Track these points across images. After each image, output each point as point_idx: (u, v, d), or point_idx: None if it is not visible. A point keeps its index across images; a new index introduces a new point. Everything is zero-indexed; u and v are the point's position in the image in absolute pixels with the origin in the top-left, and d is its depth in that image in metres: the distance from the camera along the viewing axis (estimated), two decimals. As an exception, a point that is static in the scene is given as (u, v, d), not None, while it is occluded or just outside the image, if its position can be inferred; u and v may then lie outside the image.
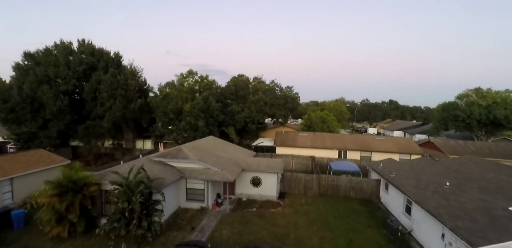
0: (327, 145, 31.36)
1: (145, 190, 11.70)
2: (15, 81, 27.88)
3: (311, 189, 19.47)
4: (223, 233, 12.95)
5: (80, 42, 30.59)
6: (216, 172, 15.49)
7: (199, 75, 30.02)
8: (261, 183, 17.71)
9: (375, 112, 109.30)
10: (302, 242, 12.51)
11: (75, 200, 11.84)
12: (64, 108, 26.76)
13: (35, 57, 28.85)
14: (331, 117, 41.51)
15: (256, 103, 33.88)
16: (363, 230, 13.95)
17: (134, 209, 11.11)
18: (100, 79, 27.72)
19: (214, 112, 28.75)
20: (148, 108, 30.34)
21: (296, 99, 38.20)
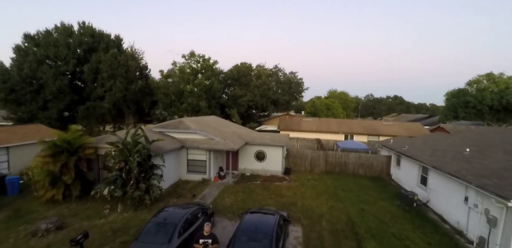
0: (333, 129, 30.48)
1: (143, 150, 10.96)
2: (15, 63, 27.34)
3: (317, 166, 18.64)
4: (225, 200, 12.21)
5: (80, 25, 29.94)
6: (218, 142, 14.72)
7: (201, 55, 29.14)
8: (265, 157, 16.92)
9: (379, 107, 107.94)
10: (311, 210, 11.73)
11: (69, 161, 11.15)
12: (64, 87, 26.17)
13: (35, 39, 28.26)
14: (336, 104, 40.53)
15: (259, 87, 33.01)
16: (374, 201, 13.12)
17: (132, 169, 10.38)
18: (100, 60, 27.06)
19: (217, 94, 27.97)
20: (149, 90, 29.66)
21: (300, 84, 37.22)
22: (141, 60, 31.06)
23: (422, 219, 10.99)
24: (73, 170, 11.28)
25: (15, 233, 8.71)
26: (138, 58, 30.52)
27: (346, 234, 9.61)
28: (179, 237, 6.97)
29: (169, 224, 7.22)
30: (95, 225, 9.32)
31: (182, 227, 7.25)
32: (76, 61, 27.47)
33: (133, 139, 10.95)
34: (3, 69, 26.68)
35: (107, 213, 10.27)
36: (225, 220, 10.20)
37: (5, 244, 8.09)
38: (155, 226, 7.23)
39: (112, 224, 9.42)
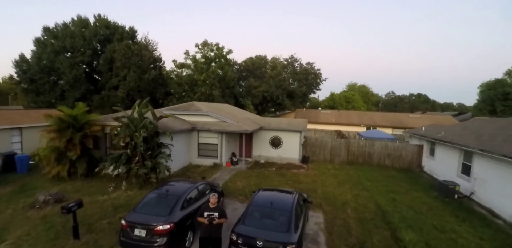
0: (354, 121, 28.80)
1: (149, 125, 10.27)
2: (35, 54, 28.10)
3: (338, 156, 17.27)
4: (237, 184, 11.28)
5: (96, 17, 30.36)
6: (231, 124, 13.83)
7: (215, 43, 28.45)
8: (281, 143, 15.83)
9: (401, 105, 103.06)
10: (333, 197, 10.54)
11: (74, 137, 10.68)
12: (80, 77, 26.48)
13: (54, 31, 28.93)
14: (356, 96, 38.59)
15: (274, 77, 31.90)
16: (406, 192, 11.68)
17: (137, 144, 9.69)
18: (114, 50, 27.16)
19: (231, 83, 27.20)
20: (163, 81, 29.44)
21: (318, 75, 35.69)
22: (154, 51, 30.98)
23: (468, 212, 9.46)
24: (78, 147, 10.82)
25: (14, 205, 8.31)
26: (152, 48, 30.45)
27: (376, 223, 8.37)
28: (181, 210, 6.08)
29: (171, 196, 6.37)
30: (96, 201, 8.70)
31: (185, 201, 6.37)
32: (92, 52, 27.76)
33: (139, 114, 10.27)
34: (24, 60, 27.51)
35: (111, 190, 9.67)
36: (236, 203, 9.26)
37: (3, 214, 7.70)
38: (155, 198, 6.41)
39: (114, 201, 8.76)
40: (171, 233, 5.54)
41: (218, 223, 5.39)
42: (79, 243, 6.18)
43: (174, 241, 5.63)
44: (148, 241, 5.45)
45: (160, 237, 5.46)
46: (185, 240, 5.99)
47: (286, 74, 35.21)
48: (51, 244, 6.15)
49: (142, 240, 5.48)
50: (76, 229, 6.30)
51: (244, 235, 5.22)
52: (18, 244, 6.17)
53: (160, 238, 5.45)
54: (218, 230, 5.47)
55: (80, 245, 6.13)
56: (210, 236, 5.37)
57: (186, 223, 6.05)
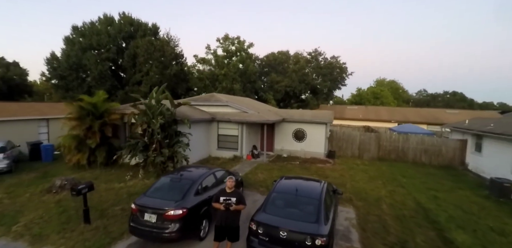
0: (383, 117, 26.99)
1: (166, 112, 9.94)
2: (64, 52, 29.59)
3: (367, 151, 16.01)
4: (258, 175, 10.63)
5: (121, 15, 31.32)
6: (252, 115, 13.21)
7: (236, 37, 28.04)
8: (305, 136, 14.92)
9: (435, 103, 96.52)
10: (364, 192, 9.53)
11: (94, 125, 10.64)
12: (105, 73, 27.39)
13: (81, 30, 30.28)
14: (385, 92, 36.36)
15: (297, 72, 30.86)
16: (450, 190, 10.33)
17: (154, 130, 9.37)
18: (137, 46, 27.77)
19: (252, 77, 26.65)
20: (184, 76, 29.61)
21: (343, 69, 34.05)
22: (176, 46, 31.31)
23: (531, 214, 8.03)
24: (98, 135, 10.77)
25: (33, 189, 8.32)
26: (174, 44, 30.80)
27: (418, 222, 7.29)
28: (196, 196, 5.52)
29: (185, 181, 5.84)
30: (112, 188, 8.48)
31: (200, 186, 5.82)
32: (116, 48, 28.64)
33: (157, 100, 9.97)
34: (54, 58, 29.05)
35: (128, 179, 9.44)
36: (257, 194, 8.61)
37: (21, 198, 7.69)
38: (169, 182, 5.92)
39: (130, 188, 8.48)
40: (183, 220, 4.99)
41: (236, 210, 4.75)
42: (89, 228, 5.86)
43: (187, 229, 5.08)
44: (159, 227, 4.94)
45: (172, 223, 4.93)
46: (199, 229, 5.43)
47: (310, 69, 34.00)
48: (61, 227, 5.89)
49: (152, 226, 4.98)
50: (87, 213, 5.99)
51: (266, 224, 4.53)
52: (29, 226, 5.99)
53: (172, 224, 4.92)
54: (235, 218, 4.83)
55: (90, 229, 5.80)
56: (227, 224, 4.74)
57: (201, 211, 5.48)
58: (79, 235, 5.61)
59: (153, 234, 4.93)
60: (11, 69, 40.33)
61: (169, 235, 4.86)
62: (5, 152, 10.39)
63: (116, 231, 5.79)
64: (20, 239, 5.55)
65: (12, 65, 41.66)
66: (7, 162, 10.33)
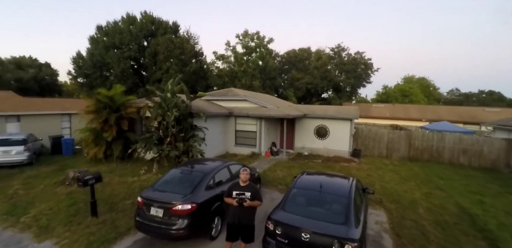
0: (413, 116, 25.21)
1: (182, 104, 9.61)
2: (89, 51, 30.79)
3: (396, 150, 14.78)
4: (277, 173, 9.98)
5: (142, 14, 32.04)
6: (271, 109, 12.60)
7: (255, 32, 27.53)
8: (328, 133, 14.03)
9: (468, 103, 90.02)
10: (396, 193, 8.58)
11: (110, 118, 10.57)
12: (127, 70, 28.06)
13: (105, 29, 31.35)
14: (415, 89, 34.12)
15: (319, 68, 29.76)
16: (497, 195, 9.07)
17: (169, 123, 9.06)
18: (158, 43, 28.19)
19: (272, 73, 26.00)
20: (204, 74, 29.63)
21: (368, 65, 32.39)
22: (196, 44, 31.48)
23: None
24: (114, 128, 10.69)
25: (48, 181, 8.28)
26: (193, 42, 30.97)
27: (464, 229, 6.29)
28: (207, 190, 5.01)
29: (197, 173, 5.36)
30: (125, 182, 8.25)
31: (213, 180, 5.30)
32: (137, 47, 29.27)
33: (172, 92, 9.67)
34: (80, 57, 30.31)
35: (143, 173, 9.20)
36: (275, 192, 7.99)
37: (35, 189, 7.66)
38: (178, 175, 5.48)
39: (143, 182, 8.19)
40: (192, 216, 4.50)
41: (250, 206, 4.17)
42: (96, 222, 5.56)
43: (197, 226, 4.58)
44: (165, 223, 4.49)
45: (180, 219, 4.45)
46: (210, 226, 4.91)
47: (332, 65, 32.73)
48: (68, 220, 5.64)
49: (159, 222, 4.54)
50: (94, 206, 5.70)
51: (285, 224, 3.91)
52: (37, 217, 5.81)
53: (180, 220, 4.44)
54: (250, 216, 4.25)
55: (96, 223, 5.50)
56: (240, 222, 4.18)
57: (212, 206, 4.96)
58: (85, 228, 5.32)
59: (159, 230, 4.49)
60: (43, 70, 42.83)
61: (176, 232, 4.38)
62: (26, 144, 10.59)
63: (124, 226, 5.43)
64: (27, 230, 5.37)
65: (44, 66, 44.29)
66: (27, 154, 10.52)
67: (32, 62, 43.77)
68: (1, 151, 10.07)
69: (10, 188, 7.81)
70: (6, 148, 10.17)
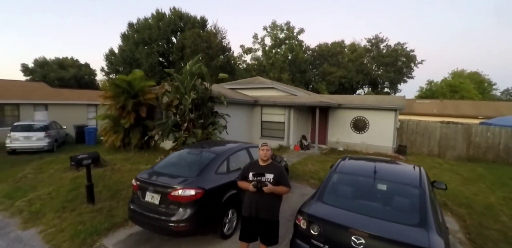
0: (466, 112, 22.06)
1: (200, 86, 8.73)
2: (120, 47, 31.94)
3: (452, 148, 12.57)
4: (308, 167, 8.64)
5: (171, 10, 32.51)
6: (301, 97, 11.30)
7: (285, 22, 26.23)
8: (367, 126, 12.31)
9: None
10: (463, 196, 6.87)
11: (127, 103, 10.05)
12: (155, 65, 28.46)
13: (136, 26, 32.31)
14: (467, 85, 30.27)
15: (354, 61, 27.59)
16: None
17: (186, 106, 8.20)
18: (185, 37, 28.23)
19: (302, 66, 24.51)
20: (231, 68, 29.04)
21: (411, 58, 29.38)
22: (223, 39, 31.08)
23: None
24: (132, 115, 10.17)
25: (59, 166, 7.83)
26: (221, 36, 30.61)
27: None
28: (219, 174, 3.92)
29: (207, 153, 4.31)
30: (137, 169, 7.49)
31: (227, 163, 4.21)
32: (166, 42, 29.63)
33: (190, 73, 8.84)
34: (112, 54, 31.53)
35: (158, 161, 8.42)
36: (306, 187, 6.71)
37: (44, 174, 7.24)
38: (185, 155, 4.47)
39: (155, 171, 7.38)
40: (198, 205, 3.43)
41: (273, 193, 2.99)
42: (91, 209, 4.76)
43: (204, 219, 3.50)
44: (163, 213, 3.46)
45: (180, 208, 3.41)
46: (222, 221, 3.79)
47: (368, 59, 30.31)
48: (62, 206, 4.92)
49: (155, 211, 3.53)
50: (91, 190, 4.92)
51: (325, 221, 2.67)
52: (32, 202, 5.20)
53: (180, 210, 3.40)
54: (272, 207, 3.08)
55: (90, 211, 4.69)
56: (258, 215, 3.01)
57: (225, 196, 3.85)
58: (77, 216, 4.53)
59: (155, 222, 3.48)
60: (82, 69, 45.79)
61: (176, 225, 3.33)
62: (47, 131, 10.48)
63: (121, 216, 4.55)
64: (17, 215, 4.74)
65: (83, 66, 47.39)
66: (48, 141, 10.41)
67: (73, 62, 47.01)
68: (23, 136, 10.04)
69: (22, 172, 7.49)
70: (28, 134, 10.12)
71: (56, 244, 3.78)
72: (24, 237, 4.04)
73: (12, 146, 9.94)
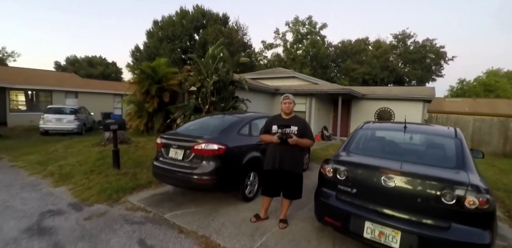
0: (503, 111, 20.59)
1: (222, 69, 8.86)
2: (145, 44, 33.23)
3: (486, 143, 11.85)
4: (329, 151, 8.46)
5: (194, 8, 33.40)
6: (323, 85, 11.14)
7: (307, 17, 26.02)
8: (393, 118, 11.87)
9: None
10: (501, 182, 6.36)
11: (151, 89, 10.39)
12: (177, 61, 29.28)
13: (160, 24, 33.51)
14: (503, 84, 28.36)
15: (379, 57, 26.79)
16: None
17: (207, 88, 8.36)
18: (207, 33, 28.85)
19: (324, 61, 24.14)
20: (251, 64, 29.26)
21: (440, 54, 28.03)
22: (245, 35, 31.42)
23: None
24: (156, 100, 10.50)
25: (87, 143, 8.25)
26: (242, 32, 30.99)
27: None
28: (241, 135, 3.94)
29: (230, 117, 4.38)
30: (158, 147, 7.72)
31: (249, 126, 4.23)
32: (188, 38, 30.46)
33: (212, 56, 9.00)
34: (138, 50, 32.88)
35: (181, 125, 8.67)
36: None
37: (73, 149, 7.66)
38: (208, 119, 4.55)
39: (176, 149, 7.56)
40: (220, 160, 3.46)
41: (298, 146, 2.96)
42: (117, 173, 4.96)
43: (225, 175, 3.51)
44: (186, 167, 3.52)
45: (203, 161, 3.45)
46: (243, 183, 3.79)
47: (394, 56, 29.32)
48: (90, 170, 5.17)
49: (178, 165, 3.62)
50: (117, 155, 5.13)
51: (354, 164, 2.60)
52: (62, 167, 5.53)
53: (204, 163, 3.44)
54: (296, 159, 3.05)
55: (116, 174, 4.89)
56: (281, 167, 2.98)
57: (246, 157, 3.84)
58: (103, 178, 4.74)
59: (178, 175, 3.54)
60: (109, 67, 48.20)
61: (199, 177, 3.38)
62: (77, 114, 11.09)
63: (145, 179, 4.71)
64: (49, 177, 5.06)
65: (110, 64, 49.87)
66: (77, 123, 11.01)
67: (101, 61, 49.61)
68: (55, 118, 10.69)
69: (53, 147, 7.95)
70: (59, 116, 10.77)
71: (84, 198, 3.97)
72: (54, 192, 4.28)
73: (45, 127, 10.62)
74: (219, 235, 2.94)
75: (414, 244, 2.02)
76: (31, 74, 14.70)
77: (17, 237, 2.85)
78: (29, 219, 3.30)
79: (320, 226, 3.21)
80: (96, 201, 3.85)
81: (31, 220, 3.26)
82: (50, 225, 3.13)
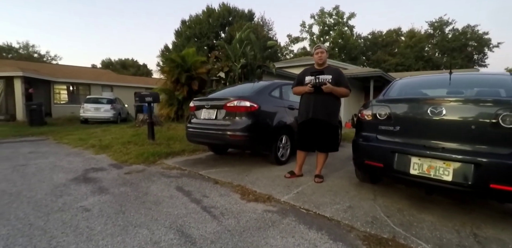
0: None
1: (249, 53, 8.92)
2: (174, 43, 34.58)
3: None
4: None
5: (220, 6, 34.11)
6: (354, 69, 10.74)
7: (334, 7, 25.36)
8: (431, 103, 11.13)
9: None
10: None
11: (181, 77, 10.75)
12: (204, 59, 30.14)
13: (188, 23, 34.67)
14: (562, 71, 25.35)
15: (413, 47, 25.35)
16: None
17: (235, 71, 8.47)
18: (233, 29, 29.30)
19: (353, 52, 23.35)
20: (276, 59, 29.20)
21: (484, 42, 25.82)
22: (270, 30, 31.46)
23: None
24: (185, 88, 10.86)
25: (123, 126, 8.78)
26: (268, 28, 31.06)
27: None
28: (272, 97, 3.92)
29: (263, 82, 4.38)
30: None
31: (280, 90, 4.22)
32: (215, 35, 31.12)
33: (240, 40, 9.10)
34: (167, 49, 34.27)
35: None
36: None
37: (110, 130, 8.12)
38: (237, 87, 4.65)
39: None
40: (252, 117, 3.46)
41: (332, 95, 2.88)
42: (152, 143, 5.19)
43: (258, 133, 3.50)
44: (218, 125, 3.58)
45: (236, 117, 3.48)
46: (276, 144, 3.75)
47: (429, 46, 27.59)
48: (127, 141, 5.47)
49: (211, 124, 3.69)
50: (152, 127, 5.40)
51: (395, 100, 2.51)
52: (102, 141, 5.92)
53: (236, 119, 3.47)
54: (331, 107, 2.98)
55: (151, 143, 5.13)
56: (316, 116, 2.91)
57: (277, 119, 3.80)
58: (140, 146, 5.00)
59: (212, 133, 3.60)
60: (141, 69, 50.90)
61: (231, 133, 3.41)
62: (113, 104, 11.81)
63: (178, 148, 4.89)
64: (90, 148, 5.42)
65: (141, 66, 52.67)
66: (113, 112, 11.72)
67: (133, 63, 52.59)
68: (93, 107, 11.47)
69: (93, 130, 8.55)
70: (97, 106, 11.54)
71: (123, 160, 4.20)
72: (96, 157, 4.58)
73: (84, 116, 11.44)
74: (254, 185, 2.95)
75: (469, 174, 1.85)
76: (72, 70, 16.03)
77: (66, 184, 3.07)
78: (75, 173, 3.55)
79: (359, 183, 3.10)
80: (134, 163, 4.05)
81: (77, 173, 3.51)
82: (94, 177, 3.35)
